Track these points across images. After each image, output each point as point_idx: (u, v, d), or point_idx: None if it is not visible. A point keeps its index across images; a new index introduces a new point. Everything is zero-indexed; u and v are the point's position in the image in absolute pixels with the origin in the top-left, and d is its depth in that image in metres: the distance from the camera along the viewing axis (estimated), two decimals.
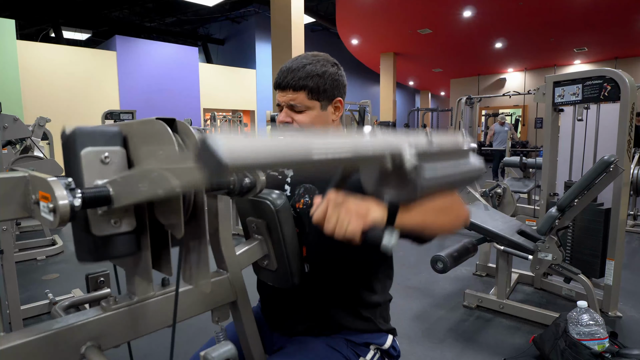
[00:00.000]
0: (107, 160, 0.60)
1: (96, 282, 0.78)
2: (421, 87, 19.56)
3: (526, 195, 4.92)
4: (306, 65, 0.96)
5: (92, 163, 0.59)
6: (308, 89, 0.96)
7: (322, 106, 0.99)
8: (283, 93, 0.98)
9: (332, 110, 1.02)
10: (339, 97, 1.02)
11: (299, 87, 0.96)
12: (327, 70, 0.98)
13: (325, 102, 0.99)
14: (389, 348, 1.04)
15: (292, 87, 0.96)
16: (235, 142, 0.36)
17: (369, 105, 7.04)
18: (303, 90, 0.96)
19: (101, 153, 0.60)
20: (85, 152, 0.59)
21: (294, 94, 0.97)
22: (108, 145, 0.62)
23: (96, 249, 0.61)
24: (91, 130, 0.61)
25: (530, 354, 2.01)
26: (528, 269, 2.55)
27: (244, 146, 0.37)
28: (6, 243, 2.01)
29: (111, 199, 0.55)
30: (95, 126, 0.63)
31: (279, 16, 6.34)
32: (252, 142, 0.38)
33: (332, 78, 0.99)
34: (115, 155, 0.62)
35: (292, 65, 0.97)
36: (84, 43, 12.49)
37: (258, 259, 0.92)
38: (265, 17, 11.70)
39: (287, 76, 0.97)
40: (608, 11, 8.27)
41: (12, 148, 3.61)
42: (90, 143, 0.60)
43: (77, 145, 0.59)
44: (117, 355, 0.82)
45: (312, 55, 1.00)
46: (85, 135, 0.60)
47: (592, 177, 2.13)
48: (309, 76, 0.96)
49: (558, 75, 2.56)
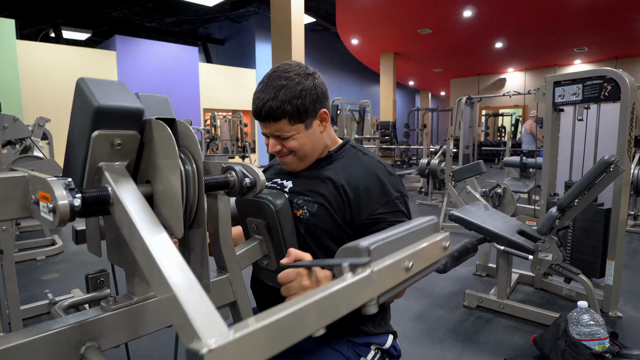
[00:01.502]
0: (118, 147, 0.60)
1: (96, 282, 0.78)
2: (421, 87, 19.56)
3: (526, 195, 4.91)
4: (278, 93, 0.91)
5: (101, 147, 0.58)
6: (287, 115, 0.92)
7: (306, 126, 0.97)
8: (263, 124, 0.96)
9: (319, 123, 0.99)
10: (322, 109, 0.98)
11: (278, 116, 0.92)
12: (303, 87, 0.93)
13: (309, 121, 0.97)
14: (389, 348, 1.04)
15: (271, 119, 0.93)
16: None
17: (369, 105, 7.05)
18: (283, 118, 0.93)
19: (114, 138, 0.59)
20: (97, 135, 0.57)
21: (275, 124, 0.94)
22: (125, 130, 0.60)
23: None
24: (111, 109, 0.57)
25: (530, 354, 2.01)
26: (528, 269, 2.55)
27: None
28: (6, 243, 2.00)
29: (111, 199, 0.55)
30: (115, 104, 0.58)
31: (279, 16, 6.34)
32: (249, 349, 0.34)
33: (310, 93, 0.94)
34: (129, 140, 0.61)
35: (264, 96, 0.92)
36: (84, 43, 12.49)
37: (258, 259, 0.92)
38: (265, 17, 11.70)
39: (262, 108, 0.93)
40: (608, 11, 8.27)
41: (11, 148, 3.61)
42: (106, 125, 0.57)
43: (89, 125, 0.57)
44: (117, 355, 0.82)
45: (283, 72, 0.94)
46: (103, 113, 0.56)
47: (592, 177, 2.12)
48: (284, 103, 0.91)
49: (558, 75, 2.56)
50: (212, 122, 9.20)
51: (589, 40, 10.44)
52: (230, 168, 0.70)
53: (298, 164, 1.02)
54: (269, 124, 0.95)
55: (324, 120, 1.00)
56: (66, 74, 8.87)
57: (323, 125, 1.01)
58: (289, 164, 1.02)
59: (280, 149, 0.98)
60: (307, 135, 0.97)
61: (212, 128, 9.12)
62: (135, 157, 0.63)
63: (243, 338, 0.33)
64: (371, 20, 10.03)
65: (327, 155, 1.04)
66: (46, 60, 8.66)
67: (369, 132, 7.37)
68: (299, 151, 0.98)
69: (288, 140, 0.96)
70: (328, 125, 1.03)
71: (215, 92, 11.58)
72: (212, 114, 9.48)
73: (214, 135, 9.05)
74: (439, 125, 16.26)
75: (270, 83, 0.93)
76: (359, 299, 0.48)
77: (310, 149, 1.00)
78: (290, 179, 1.05)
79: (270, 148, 0.99)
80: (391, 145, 11.50)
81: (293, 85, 0.92)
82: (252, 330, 0.34)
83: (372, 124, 8.81)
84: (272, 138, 0.98)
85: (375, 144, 7.26)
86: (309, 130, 0.97)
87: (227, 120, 10.01)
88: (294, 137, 0.96)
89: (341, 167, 1.01)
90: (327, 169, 1.02)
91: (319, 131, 1.00)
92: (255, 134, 12.64)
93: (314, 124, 0.98)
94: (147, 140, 0.63)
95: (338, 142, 1.08)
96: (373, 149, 6.72)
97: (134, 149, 0.62)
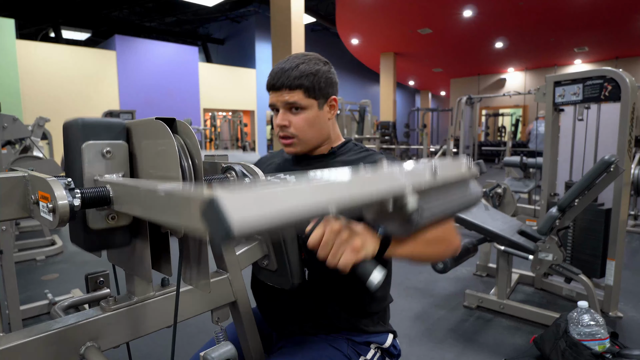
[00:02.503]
0: (108, 156, 0.60)
1: (96, 283, 0.78)
2: (421, 87, 19.55)
3: (526, 195, 4.92)
4: (299, 65, 0.96)
5: (93, 157, 0.59)
6: (304, 87, 0.95)
7: (319, 105, 0.99)
8: (278, 93, 0.97)
9: (328, 109, 1.02)
10: (333, 96, 1.02)
11: (295, 86, 0.95)
12: (320, 69, 0.98)
13: (321, 101, 0.99)
14: (389, 347, 1.04)
15: (287, 87, 0.95)
16: (247, 204, 0.32)
17: (369, 105, 7.05)
18: (299, 89, 0.95)
19: (103, 147, 0.60)
20: (87, 145, 0.58)
21: (290, 93, 0.96)
22: (111, 139, 0.61)
23: (91, 241, 0.60)
24: (95, 123, 0.60)
25: (530, 355, 2.01)
26: (528, 269, 2.55)
27: (256, 208, 0.32)
28: (6, 243, 2.00)
29: (111, 199, 0.55)
30: (98, 118, 0.62)
31: (279, 16, 6.34)
32: (265, 202, 0.33)
33: (326, 76, 0.98)
34: (118, 149, 0.61)
35: (284, 66, 0.96)
36: (83, 43, 12.48)
37: (258, 259, 0.92)
38: (265, 17, 11.69)
39: (282, 76, 0.95)
40: (608, 11, 8.27)
41: (11, 148, 3.60)
42: (93, 136, 0.59)
43: (79, 138, 0.58)
44: (117, 355, 0.82)
45: (303, 55, 1.00)
46: (89, 128, 0.59)
47: (592, 177, 2.12)
48: (303, 75, 0.95)
49: (558, 75, 2.56)
50: (212, 122, 9.20)
51: (589, 40, 10.44)
52: (230, 168, 0.70)
53: (299, 145, 1.01)
54: (284, 92, 0.96)
55: (333, 108, 1.03)
56: (66, 74, 8.87)
57: (331, 113, 1.03)
58: (291, 143, 1.01)
59: (288, 124, 0.98)
60: (317, 115, 0.99)
61: (212, 128, 9.12)
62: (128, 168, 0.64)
63: (253, 190, 0.33)
64: (371, 20, 10.02)
65: (330, 151, 1.06)
66: (46, 60, 8.66)
67: (369, 132, 7.37)
68: (305, 129, 0.98)
69: (298, 114, 0.97)
70: (334, 118, 1.05)
71: (215, 92, 11.57)
72: (212, 114, 9.48)
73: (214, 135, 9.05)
74: (439, 125, 16.27)
75: (290, 59, 0.98)
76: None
77: (317, 130, 1.01)
78: (292, 174, 1.05)
79: (279, 120, 0.98)
80: (391, 145, 11.50)
81: (312, 65, 0.97)
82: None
83: (372, 124, 8.81)
84: (283, 110, 0.98)
85: (376, 144, 7.26)
86: (319, 112, 0.99)
87: (227, 120, 10.01)
88: (304, 112, 0.97)
89: (344, 162, 1.03)
90: (329, 164, 1.04)
91: (327, 117, 1.02)
92: (255, 134, 12.65)
93: (324, 107, 1.01)
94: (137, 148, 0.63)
95: (341, 139, 1.10)
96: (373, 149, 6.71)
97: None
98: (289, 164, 1.10)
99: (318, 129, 1.00)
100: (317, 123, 1.00)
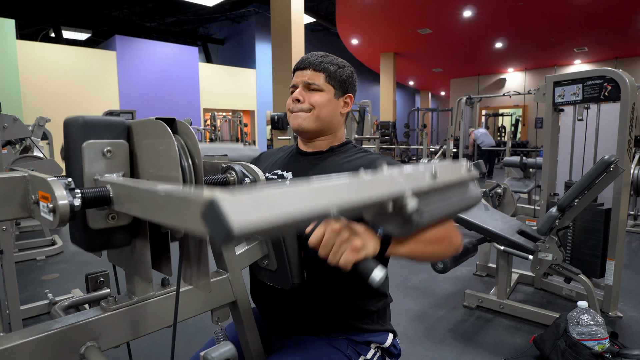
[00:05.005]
0: (109, 155, 0.60)
1: (96, 282, 0.78)
2: (421, 87, 19.55)
3: (526, 195, 4.91)
4: (328, 55, 1.06)
5: (94, 156, 0.59)
6: (328, 72, 1.03)
7: (335, 94, 1.04)
8: (302, 72, 1.04)
9: (342, 104, 1.06)
10: (350, 94, 1.07)
11: (320, 68, 1.02)
12: (347, 67, 1.07)
13: (339, 92, 1.04)
14: (389, 346, 1.04)
15: (313, 67, 1.02)
16: (247, 206, 0.32)
17: (369, 105, 7.05)
18: (323, 72, 1.02)
19: (104, 146, 0.60)
20: (88, 144, 0.58)
21: (313, 73, 1.02)
22: (112, 139, 0.61)
23: (91, 241, 0.60)
24: (96, 121, 0.60)
25: (530, 354, 2.01)
26: (528, 269, 2.55)
27: (256, 210, 0.32)
28: (6, 243, 2.00)
29: (111, 199, 0.55)
30: (99, 117, 0.62)
31: (279, 16, 6.34)
32: (265, 204, 0.33)
33: (349, 74, 1.07)
34: (119, 148, 0.61)
35: (314, 53, 1.06)
36: (83, 43, 12.48)
37: (258, 259, 0.92)
38: (265, 17, 11.69)
39: (310, 58, 1.04)
40: (608, 11, 8.26)
41: (11, 148, 3.60)
42: (94, 135, 0.59)
43: (79, 137, 0.58)
44: (117, 355, 0.82)
45: (329, 54, 1.08)
46: (89, 126, 0.59)
47: (592, 177, 2.13)
48: (330, 63, 1.04)
49: (558, 75, 2.56)
50: (212, 122, 9.20)
51: (589, 40, 10.43)
52: (230, 168, 0.70)
53: (309, 122, 1.03)
54: (308, 72, 1.03)
55: (347, 105, 1.08)
56: (66, 74, 8.87)
57: (344, 109, 1.07)
58: (302, 117, 1.03)
59: (303, 100, 1.03)
60: (332, 101, 1.04)
61: (212, 128, 9.12)
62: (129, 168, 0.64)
63: (251, 192, 0.33)
64: (371, 20, 10.02)
65: (329, 149, 1.07)
66: (46, 60, 8.66)
67: (369, 132, 7.37)
68: (318, 109, 1.02)
69: (315, 93, 1.02)
70: (343, 120, 1.09)
71: (215, 92, 11.58)
72: (212, 114, 9.47)
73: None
74: (439, 125, 16.26)
75: (319, 53, 1.07)
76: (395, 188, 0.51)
77: (328, 113, 1.04)
78: (290, 169, 1.08)
79: (295, 94, 1.03)
80: (391, 145, 11.50)
81: (340, 61, 1.07)
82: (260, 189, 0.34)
83: (372, 124, 8.80)
84: (301, 88, 1.03)
85: (375, 144, 7.25)
86: (335, 100, 1.04)
87: (227, 120, 10.01)
88: (321, 93, 1.02)
89: (342, 160, 1.04)
90: (328, 161, 1.05)
91: (339, 110, 1.06)
92: (256, 134, 12.64)
93: (340, 99, 1.06)
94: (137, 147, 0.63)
95: (343, 140, 1.12)
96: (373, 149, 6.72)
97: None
98: (293, 159, 1.11)
99: (330, 112, 1.04)
100: (331, 107, 1.04)
